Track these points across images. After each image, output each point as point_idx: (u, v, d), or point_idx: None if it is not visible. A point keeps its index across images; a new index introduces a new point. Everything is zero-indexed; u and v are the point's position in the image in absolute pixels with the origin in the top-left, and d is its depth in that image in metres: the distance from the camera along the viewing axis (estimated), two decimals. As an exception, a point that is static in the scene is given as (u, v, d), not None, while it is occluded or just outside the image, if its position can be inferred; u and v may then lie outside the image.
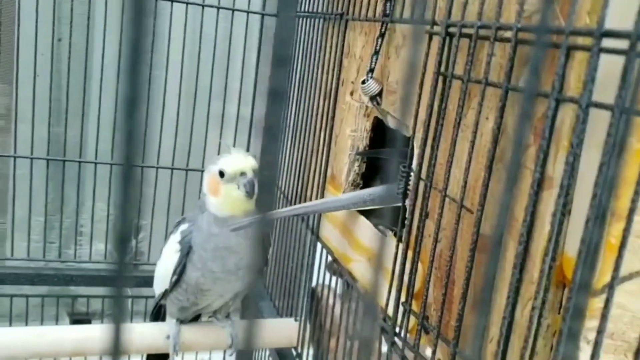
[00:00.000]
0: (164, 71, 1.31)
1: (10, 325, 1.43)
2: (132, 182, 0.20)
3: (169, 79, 1.32)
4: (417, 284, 0.63)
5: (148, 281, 1.42)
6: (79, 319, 1.62)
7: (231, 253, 0.86)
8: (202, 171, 1.39)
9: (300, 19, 1.14)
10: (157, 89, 1.34)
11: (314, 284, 1.12)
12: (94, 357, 0.99)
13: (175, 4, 1.26)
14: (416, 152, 0.63)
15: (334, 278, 1.06)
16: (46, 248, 1.45)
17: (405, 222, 0.65)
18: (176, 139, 1.36)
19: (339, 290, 1.05)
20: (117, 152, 1.34)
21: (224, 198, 0.84)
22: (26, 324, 1.46)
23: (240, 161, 0.84)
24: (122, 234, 0.20)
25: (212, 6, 1.25)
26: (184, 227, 0.89)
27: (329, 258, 1.04)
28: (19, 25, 1.27)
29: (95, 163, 1.38)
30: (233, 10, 1.26)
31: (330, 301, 1.03)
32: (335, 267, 1.08)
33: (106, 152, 1.39)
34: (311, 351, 1.05)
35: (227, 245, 0.85)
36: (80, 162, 1.36)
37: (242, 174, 0.84)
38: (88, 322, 1.60)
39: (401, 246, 0.65)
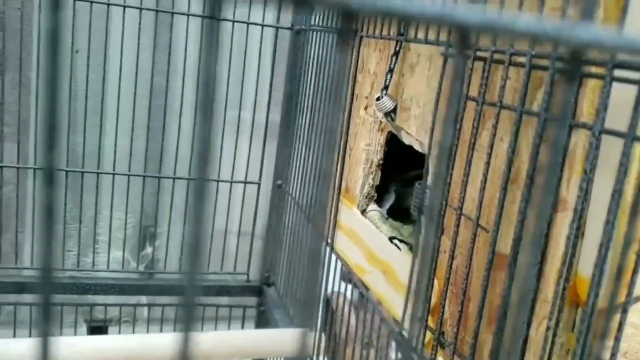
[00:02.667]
0: (181, 82, 1.33)
1: (30, 334, 1.45)
2: (205, 198, 0.21)
3: (185, 89, 1.33)
4: (433, 300, 0.64)
5: (165, 289, 1.45)
6: (96, 326, 1.64)
7: None
8: (218, 181, 1.42)
9: (314, 33, 1.16)
10: (173, 100, 1.36)
11: (328, 292, 1.13)
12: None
13: (191, 17, 1.28)
14: (431, 170, 0.64)
15: (349, 287, 1.08)
16: (64, 256, 1.47)
17: (421, 237, 0.66)
18: (192, 149, 1.38)
19: (354, 300, 1.07)
20: (193, 169, 1.35)
21: None
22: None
23: None
24: (194, 246, 0.21)
25: (228, 20, 1.27)
26: None
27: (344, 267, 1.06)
28: (39, 37, 1.29)
29: (114, 174, 1.40)
30: (248, 24, 1.28)
31: (346, 310, 1.05)
32: (349, 275, 1.10)
33: (124, 161, 1.41)
34: (326, 360, 1.06)
35: None
36: (98, 173, 1.39)
37: None
38: (105, 329, 1.62)
39: (417, 261, 0.66)
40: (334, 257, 1.08)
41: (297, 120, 1.25)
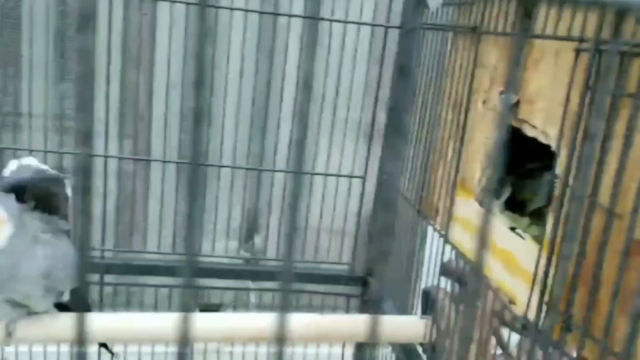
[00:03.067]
0: (280, 81, 1.40)
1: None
2: (300, 190, 0.24)
3: (285, 89, 1.40)
4: (561, 286, 0.67)
5: (269, 275, 1.52)
6: (204, 309, 1.75)
7: None
8: (312, 174, 1.48)
9: (426, 32, 1.19)
10: (275, 99, 1.44)
11: (428, 285, 1.17)
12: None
13: (293, 18, 1.35)
14: (563, 159, 0.67)
15: (446, 280, 1.10)
16: (175, 243, 1.58)
17: (549, 225, 0.69)
18: (290, 145, 1.44)
19: (453, 293, 1.10)
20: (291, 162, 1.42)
21: None
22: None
23: None
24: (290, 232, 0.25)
25: (338, 20, 1.32)
26: None
27: (444, 259, 1.09)
28: (154, 40, 1.40)
29: (219, 166, 1.48)
30: (359, 24, 1.33)
31: (446, 303, 1.07)
32: (450, 269, 1.12)
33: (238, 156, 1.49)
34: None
35: None
36: (206, 165, 1.47)
37: None
38: (215, 311, 1.72)
39: (543, 249, 0.69)
40: (434, 249, 1.11)
41: (405, 118, 1.29)
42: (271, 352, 1.00)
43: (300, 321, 1.05)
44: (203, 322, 1.00)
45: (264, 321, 1.03)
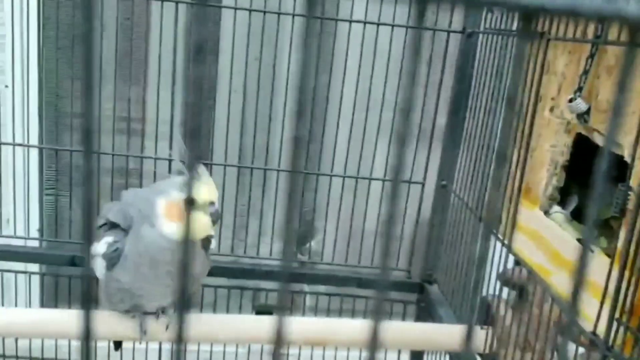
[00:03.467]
0: (341, 84, 1.39)
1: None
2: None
3: (344, 92, 1.40)
4: (636, 302, 0.64)
5: (322, 279, 1.52)
6: (262, 311, 1.77)
7: (170, 266, 0.87)
8: (370, 179, 1.47)
9: (486, 36, 1.17)
10: (334, 102, 1.44)
11: (487, 294, 1.14)
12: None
13: (353, 24, 1.34)
14: (638, 170, 0.64)
15: (505, 289, 1.08)
16: (234, 245, 1.60)
17: (622, 238, 0.66)
18: (349, 149, 1.44)
19: (510, 301, 1.07)
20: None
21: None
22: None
23: (210, 191, 0.86)
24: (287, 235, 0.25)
25: (399, 25, 1.32)
26: (109, 239, 0.89)
27: (501, 267, 1.07)
28: (218, 47, 1.43)
29: (278, 170, 1.49)
30: (421, 29, 1.32)
31: (502, 311, 1.05)
32: (509, 277, 1.10)
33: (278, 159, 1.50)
34: None
35: (169, 260, 0.86)
36: (265, 169, 1.49)
37: (211, 203, 0.86)
38: (270, 313, 1.74)
39: (615, 262, 0.66)
40: (496, 258, 1.09)
41: (465, 122, 1.27)
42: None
43: (355, 326, 1.05)
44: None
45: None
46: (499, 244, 1.05)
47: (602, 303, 0.68)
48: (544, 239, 0.87)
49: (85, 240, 0.26)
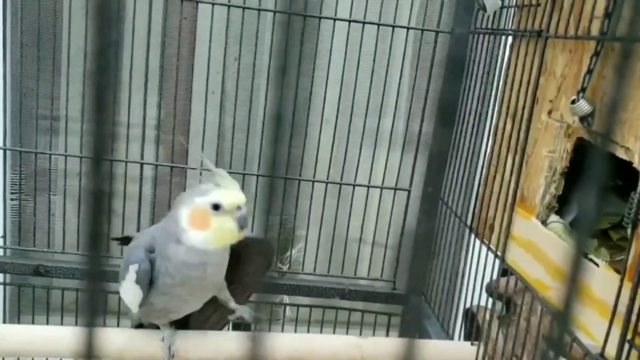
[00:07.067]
0: (324, 88, 1.33)
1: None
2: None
3: (327, 95, 1.33)
4: (649, 321, 0.59)
5: (303, 290, 1.44)
6: (237, 323, 1.68)
7: (203, 280, 0.85)
8: (354, 185, 1.40)
9: (479, 36, 1.12)
10: (316, 105, 1.37)
11: (473, 306, 1.09)
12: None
13: (337, 22, 1.28)
14: (652, 180, 0.59)
15: (491, 300, 1.03)
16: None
17: (633, 253, 0.61)
18: (332, 154, 1.37)
19: (497, 312, 1.02)
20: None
21: (215, 231, 0.81)
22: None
23: (237, 195, 0.82)
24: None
25: (385, 25, 1.26)
26: (135, 267, 0.84)
27: (487, 279, 1.01)
28: (194, 47, 1.36)
29: (258, 175, 1.41)
30: (408, 29, 1.26)
31: (487, 323, 1.00)
32: (495, 287, 1.04)
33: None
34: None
35: (202, 275, 0.84)
36: (244, 174, 1.41)
37: (238, 207, 0.81)
38: (246, 326, 1.66)
39: (626, 279, 0.61)
40: (487, 267, 1.04)
41: (455, 127, 1.22)
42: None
43: (336, 343, 0.99)
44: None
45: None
46: (488, 253, 1.00)
47: (611, 323, 0.62)
48: (542, 251, 0.82)
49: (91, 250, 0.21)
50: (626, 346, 0.60)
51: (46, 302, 1.37)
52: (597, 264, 0.70)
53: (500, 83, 1.00)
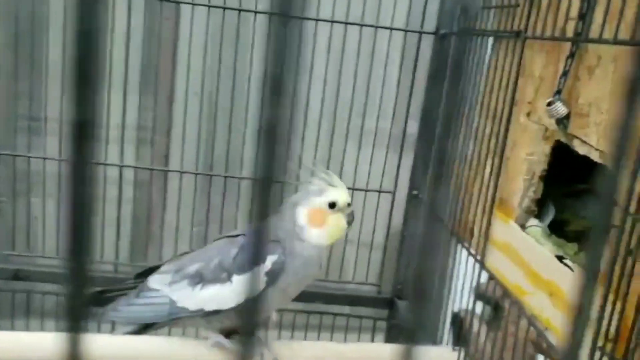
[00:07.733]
0: (307, 87, 1.31)
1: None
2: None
3: (311, 95, 1.31)
4: (621, 329, 0.57)
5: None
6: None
7: (317, 276, 0.92)
8: (353, 189, 1.37)
9: (462, 37, 1.11)
10: (299, 105, 1.35)
11: (459, 309, 1.07)
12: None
13: (320, 22, 1.26)
14: (624, 185, 0.57)
15: (479, 303, 1.01)
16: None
17: (605, 258, 0.59)
18: (316, 154, 1.35)
19: (485, 316, 1.00)
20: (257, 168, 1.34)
21: (330, 228, 0.88)
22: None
23: (346, 193, 0.90)
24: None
25: (369, 25, 1.24)
26: (273, 258, 0.87)
27: (475, 282, 0.99)
28: (175, 50, 1.34)
29: (239, 178, 1.39)
30: (392, 30, 1.24)
31: (475, 327, 0.98)
32: (483, 291, 1.03)
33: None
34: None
35: (317, 271, 0.91)
36: (225, 176, 1.39)
37: (349, 204, 0.90)
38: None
39: (599, 286, 0.59)
40: (468, 271, 1.02)
41: (438, 129, 1.20)
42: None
43: (317, 349, 0.97)
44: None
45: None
46: (470, 258, 0.98)
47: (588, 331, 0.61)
48: (520, 255, 0.80)
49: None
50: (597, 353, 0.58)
51: (26, 307, 1.35)
52: (572, 269, 0.69)
53: (482, 85, 0.98)
